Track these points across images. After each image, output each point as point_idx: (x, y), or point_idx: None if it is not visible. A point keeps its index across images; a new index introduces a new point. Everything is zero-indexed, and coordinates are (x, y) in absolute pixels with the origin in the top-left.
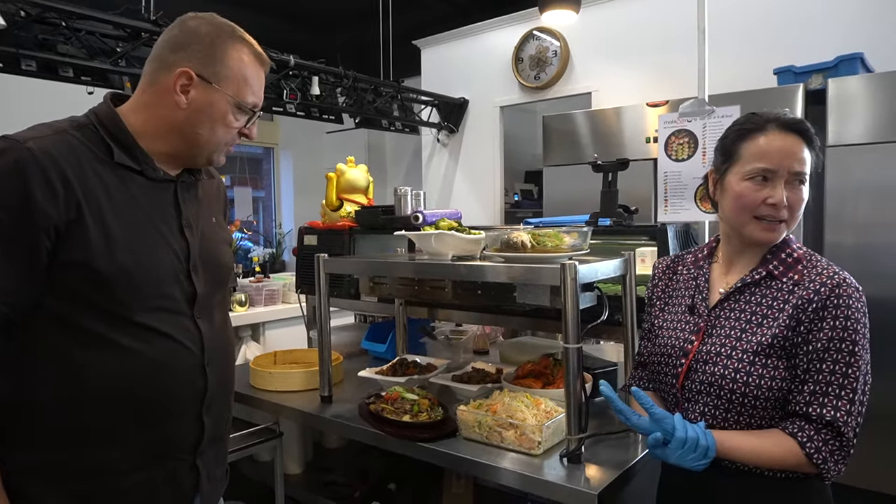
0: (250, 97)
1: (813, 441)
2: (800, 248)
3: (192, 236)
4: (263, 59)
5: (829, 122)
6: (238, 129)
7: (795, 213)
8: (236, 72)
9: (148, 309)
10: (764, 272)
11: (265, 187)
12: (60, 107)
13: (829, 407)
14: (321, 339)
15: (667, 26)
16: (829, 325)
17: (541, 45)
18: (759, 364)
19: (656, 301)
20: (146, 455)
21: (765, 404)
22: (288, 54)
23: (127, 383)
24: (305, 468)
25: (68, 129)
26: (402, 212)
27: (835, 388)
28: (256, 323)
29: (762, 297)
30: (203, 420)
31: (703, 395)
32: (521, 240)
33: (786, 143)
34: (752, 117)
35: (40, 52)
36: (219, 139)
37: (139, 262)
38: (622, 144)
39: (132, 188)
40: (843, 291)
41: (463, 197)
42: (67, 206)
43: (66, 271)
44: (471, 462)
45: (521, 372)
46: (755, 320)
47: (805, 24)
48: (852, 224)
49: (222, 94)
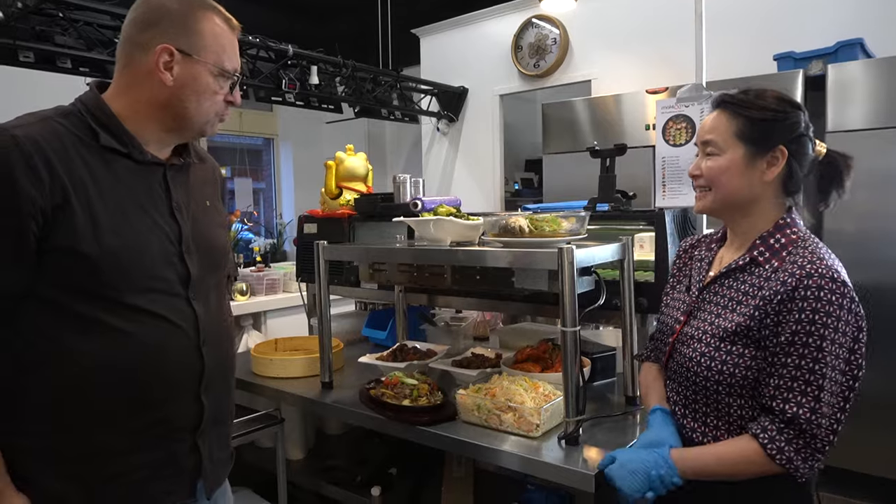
0: (229, 63)
1: (775, 441)
2: (794, 234)
3: (182, 219)
4: (234, 23)
5: (828, 109)
6: (223, 97)
7: (712, 180)
8: (213, 40)
9: (139, 290)
10: (749, 258)
11: (265, 178)
12: (60, 98)
13: (793, 402)
14: (321, 326)
15: (667, 13)
16: (794, 317)
17: (540, 32)
18: (723, 350)
19: (671, 279)
20: (145, 436)
21: (729, 391)
22: (286, 44)
23: (121, 365)
24: (307, 454)
25: (53, 116)
26: (402, 199)
27: (800, 384)
28: (258, 312)
29: (743, 282)
30: (202, 401)
31: (679, 377)
32: (519, 225)
33: (707, 120)
34: None
35: (38, 44)
36: (207, 110)
37: (127, 244)
38: (622, 132)
39: (119, 172)
40: (813, 283)
41: (463, 186)
42: (53, 191)
43: (54, 256)
44: (470, 445)
45: (520, 356)
46: (731, 306)
47: (805, 10)
48: (852, 211)
49: (204, 65)
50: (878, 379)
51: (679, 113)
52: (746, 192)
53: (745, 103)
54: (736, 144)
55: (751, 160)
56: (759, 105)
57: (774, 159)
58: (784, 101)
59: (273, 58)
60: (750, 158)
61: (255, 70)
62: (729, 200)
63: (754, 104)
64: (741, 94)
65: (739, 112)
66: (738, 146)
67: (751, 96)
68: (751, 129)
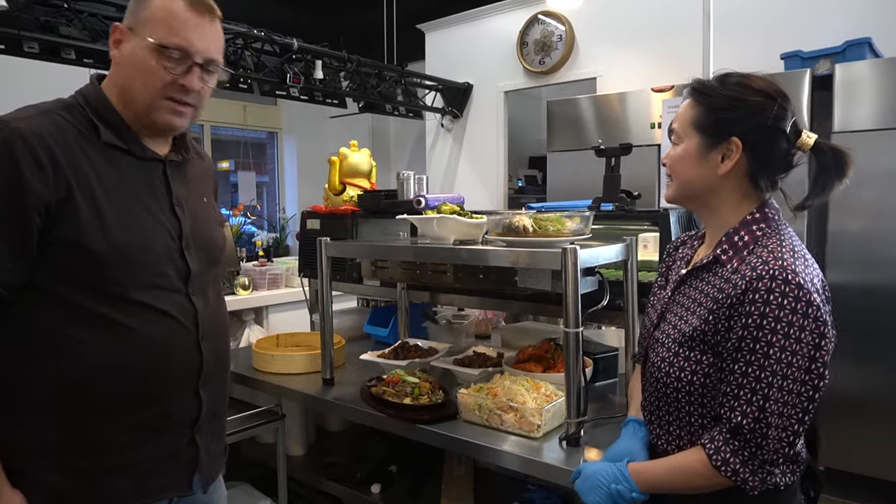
0: (173, 38)
1: (720, 452)
2: (760, 229)
3: (183, 215)
4: (204, 4)
5: (835, 108)
6: (170, 78)
7: (672, 169)
8: (157, 14)
9: (143, 286)
10: (712, 256)
11: (268, 172)
12: (65, 89)
13: (738, 411)
14: (323, 323)
15: (673, 11)
16: (740, 322)
17: (546, 29)
18: (681, 356)
19: (659, 278)
20: (145, 430)
21: (689, 399)
22: (291, 38)
23: (124, 360)
24: (307, 450)
25: (55, 109)
26: (405, 196)
27: (745, 392)
28: (259, 307)
29: (706, 283)
30: (200, 395)
31: (647, 383)
32: (522, 224)
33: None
34: None
35: (42, 35)
36: (151, 92)
37: (133, 240)
38: (626, 130)
39: (121, 167)
40: (762, 285)
41: (466, 182)
42: (57, 184)
43: (58, 250)
44: (471, 444)
45: (521, 356)
46: (692, 308)
47: (813, 9)
48: (858, 211)
49: (142, 38)
50: (886, 380)
51: None
52: (702, 184)
53: (707, 90)
54: (692, 133)
55: (704, 151)
56: (719, 92)
57: (728, 151)
58: (749, 89)
59: (278, 52)
60: (703, 149)
61: (260, 64)
62: (686, 191)
63: (715, 91)
64: (711, 81)
65: (700, 100)
66: (694, 135)
67: (715, 82)
68: (706, 119)
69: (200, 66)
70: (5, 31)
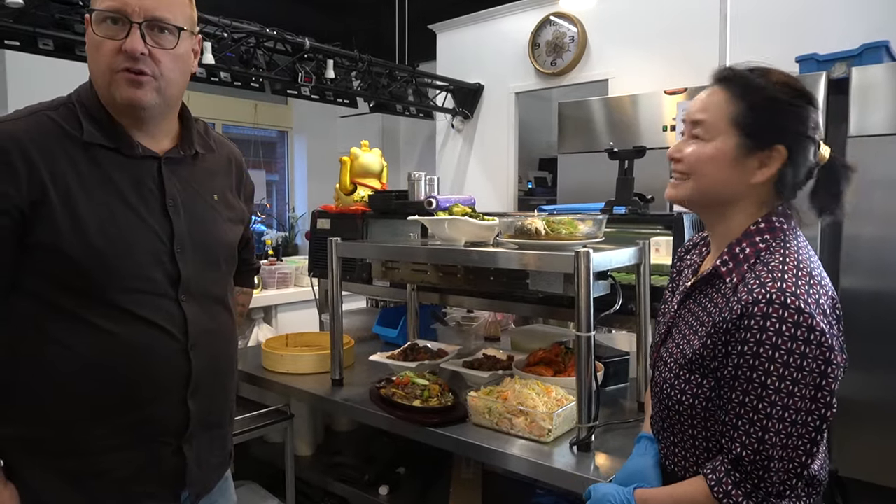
0: (105, 1)
1: (722, 484)
2: (763, 241)
3: (177, 216)
4: None
5: (851, 112)
6: (111, 46)
7: (693, 168)
8: None
9: (123, 291)
10: (712, 268)
11: (279, 171)
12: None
13: (737, 442)
14: (333, 323)
15: (686, 13)
16: (737, 350)
17: (558, 30)
18: (682, 378)
19: (670, 284)
20: (128, 436)
21: (692, 422)
22: (303, 37)
23: (103, 364)
24: (315, 450)
25: (45, 109)
26: (416, 197)
27: (743, 422)
28: (269, 306)
29: (708, 300)
30: (188, 405)
31: (655, 401)
32: (535, 226)
33: (701, 95)
34: None
35: (57, 32)
36: (100, 67)
37: (111, 242)
38: (638, 132)
39: (106, 167)
40: (759, 310)
41: (476, 183)
42: (31, 186)
43: (38, 253)
44: (480, 448)
45: (532, 359)
46: (694, 327)
47: (829, 11)
48: (873, 216)
49: (89, 16)
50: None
51: None
52: (728, 190)
53: (751, 85)
54: (728, 131)
55: (742, 154)
56: (767, 91)
57: (768, 159)
58: (796, 92)
59: (290, 51)
60: (742, 152)
61: (272, 63)
62: (707, 195)
63: (762, 88)
64: (747, 72)
65: (742, 94)
66: (731, 134)
67: (757, 76)
68: (751, 118)
69: (144, 27)
70: (21, 28)
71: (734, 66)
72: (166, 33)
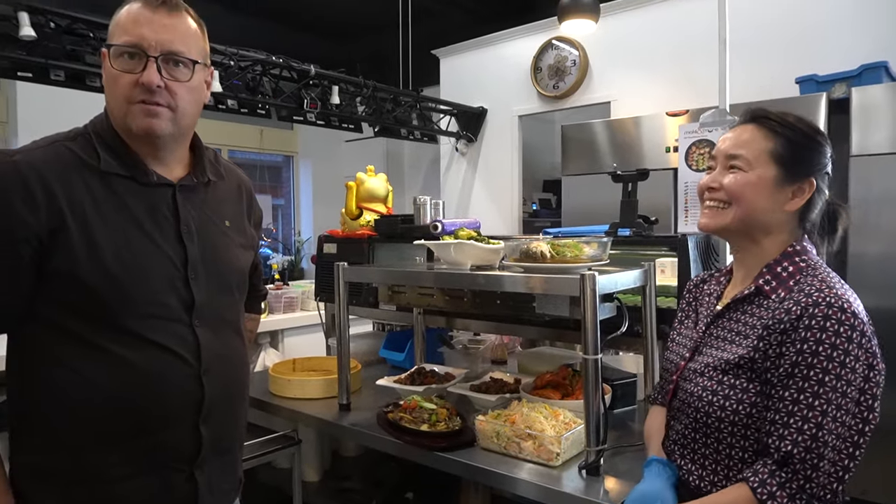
0: (124, 37)
1: (766, 485)
2: (803, 261)
3: (191, 242)
4: (156, 0)
5: (852, 132)
6: (129, 79)
7: (735, 195)
8: (118, 24)
9: (138, 316)
10: (754, 287)
11: (284, 195)
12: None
13: (788, 440)
14: (340, 348)
15: (687, 35)
16: (794, 348)
17: (559, 54)
18: (726, 384)
19: (680, 314)
20: (141, 463)
21: (731, 429)
22: (308, 64)
23: (117, 390)
24: (323, 475)
25: (62, 139)
26: (421, 221)
27: (796, 420)
28: (275, 330)
29: (750, 315)
30: (200, 430)
31: (681, 415)
32: (540, 250)
33: (730, 134)
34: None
35: (68, 63)
36: (116, 99)
37: (127, 269)
38: (641, 154)
39: (122, 195)
40: (820, 311)
41: (481, 206)
42: (50, 215)
43: (55, 280)
44: (488, 472)
45: (539, 382)
46: (737, 340)
47: (828, 33)
48: (877, 233)
49: (106, 50)
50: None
51: (702, 138)
52: (768, 217)
53: (785, 123)
54: (768, 163)
55: (779, 184)
56: (800, 129)
57: (801, 190)
58: (819, 131)
59: (295, 78)
60: (779, 182)
61: (278, 89)
62: (746, 221)
63: (795, 127)
64: (780, 113)
65: (778, 131)
66: (770, 166)
67: (790, 118)
68: (787, 152)
69: (160, 61)
70: (33, 60)
71: (764, 108)
72: (181, 66)
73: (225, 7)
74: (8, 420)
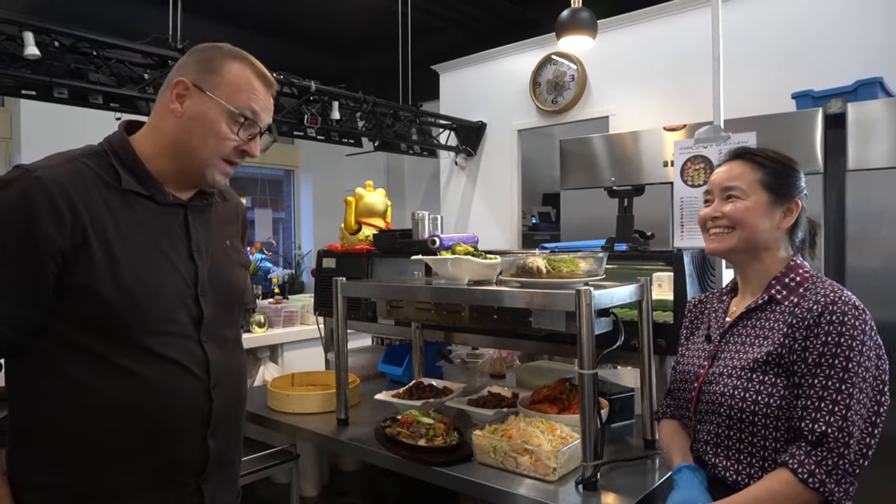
0: (248, 108)
1: (804, 465)
2: (807, 272)
3: (201, 260)
4: (268, 79)
5: (849, 147)
6: (235, 143)
7: (737, 220)
8: (232, 81)
9: (152, 333)
10: (767, 296)
11: (285, 209)
12: (91, 133)
13: (821, 421)
14: (338, 363)
15: (684, 50)
16: (821, 340)
17: (558, 69)
18: (755, 380)
19: (684, 332)
20: (149, 479)
21: (764, 422)
22: (309, 80)
23: (129, 406)
24: (321, 490)
25: (80, 157)
26: (420, 236)
27: (827, 403)
28: (275, 344)
29: (766, 320)
30: (208, 444)
31: (711, 416)
32: (536, 265)
33: (722, 169)
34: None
35: (72, 81)
36: (211, 150)
37: (144, 286)
38: (639, 168)
39: (140, 213)
40: (838, 308)
41: (481, 219)
42: (73, 231)
43: (71, 295)
44: (486, 487)
45: (536, 397)
46: (757, 342)
47: (824, 48)
48: (874, 247)
49: (215, 102)
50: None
51: (697, 154)
52: (766, 236)
53: (767, 157)
54: (760, 191)
55: (771, 206)
56: (779, 160)
57: (789, 210)
58: (793, 161)
59: (296, 93)
60: (771, 205)
61: (279, 105)
62: (749, 241)
63: (775, 159)
64: (760, 150)
65: (762, 163)
66: (762, 192)
67: (770, 152)
68: (773, 180)
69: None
70: (37, 78)
71: (743, 146)
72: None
73: (225, 22)
74: (10, 436)
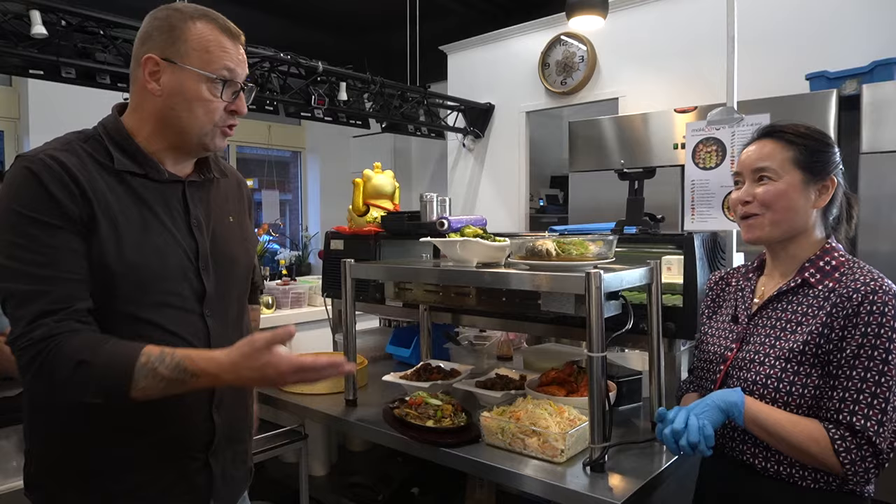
0: (220, 68)
1: (846, 441)
2: (842, 256)
3: (201, 235)
4: (232, 30)
5: (863, 129)
6: (222, 104)
7: (769, 204)
8: (199, 44)
9: (153, 305)
10: (800, 279)
11: (292, 190)
12: (98, 113)
13: (860, 416)
14: (346, 344)
15: (695, 31)
16: (860, 331)
17: (568, 50)
18: (790, 371)
19: (706, 310)
20: (157, 452)
21: (797, 412)
22: (316, 60)
23: None
24: (330, 470)
25: (75, 140)
26: (428, 218)
27: (866, 396)
28: (283, 325)
29: (798, 304)
30: (213, 419)
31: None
32: (545, 248)
33: (751, 148)
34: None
35: (79, 60)
36: (201, 120)
37: (147, 259)
38: (649, 151)
39: (138, 190)
40: (878, 298)
41: (488, 202)
42: (83, 204)
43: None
44: (493, 468)
45: (544, 379)
46: (790, 327)
47: (838, 29)
48: (887, 231)
49: (189, 72)
50: None
51: (709, 136)
52: (801, 217)
53: (798, 133)
54: (793, 170)
55: (806, 186)
56: (812, 136)
57: (825, 188)
58: (828, 136)
59: (303, 74)
60: (805, 185)
61: (286, 86)
62: (782, 225)
63: (807, 135)
64: (791, 125)
65: (793, 141)
66: (795, 172)
67: (801, 128)
68: (807, 158)
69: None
70: (44, 58)
71: (773, 123)
72: (247, 91)
73: (232, 2)
74: (24, 413)
